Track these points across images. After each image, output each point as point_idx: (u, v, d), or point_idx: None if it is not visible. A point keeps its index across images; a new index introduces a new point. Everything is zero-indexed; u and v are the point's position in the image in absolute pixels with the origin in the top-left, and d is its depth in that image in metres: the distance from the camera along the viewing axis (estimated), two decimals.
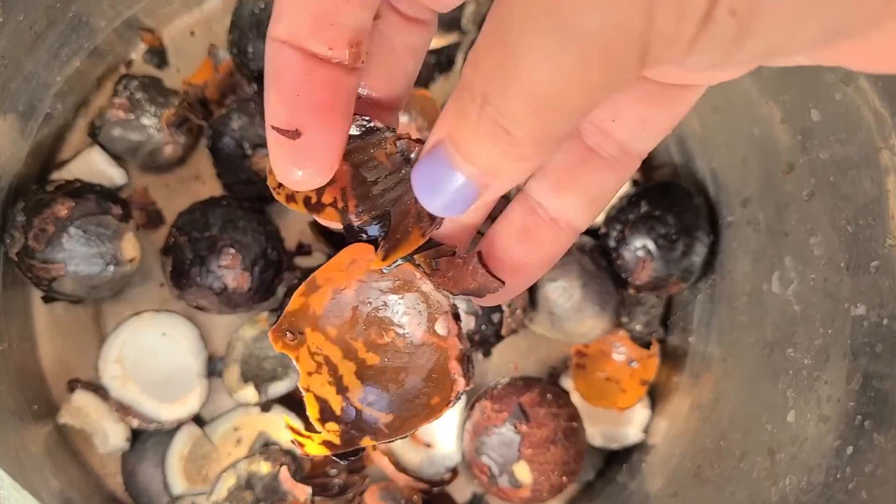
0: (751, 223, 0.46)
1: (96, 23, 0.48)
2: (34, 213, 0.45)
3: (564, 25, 0.14)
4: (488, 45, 0.16)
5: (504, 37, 0.15)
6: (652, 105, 0.21)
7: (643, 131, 0.22)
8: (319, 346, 0.22)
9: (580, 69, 0.15)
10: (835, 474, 0.35)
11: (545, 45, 0.15)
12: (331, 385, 0.22)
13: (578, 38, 0.14)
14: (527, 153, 0.17)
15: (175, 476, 0.50)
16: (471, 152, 0.17)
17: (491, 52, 0.16)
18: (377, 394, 0.22)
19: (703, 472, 0.46)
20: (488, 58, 0.16)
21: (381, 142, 0.21)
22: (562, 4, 0.14)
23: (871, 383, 0.35)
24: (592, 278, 0.50)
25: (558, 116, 0.16)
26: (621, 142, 0.22)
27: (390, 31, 0.21)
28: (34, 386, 0.50)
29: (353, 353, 0.22)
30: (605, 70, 0.15)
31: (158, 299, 0.52)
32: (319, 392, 0.22)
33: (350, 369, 0.22)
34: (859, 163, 0.36)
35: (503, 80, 0.16)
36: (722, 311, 0.49)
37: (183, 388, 0.50)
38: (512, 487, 0.48)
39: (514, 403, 0.48)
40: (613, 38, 0.14)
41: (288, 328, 0.22)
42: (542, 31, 0.14)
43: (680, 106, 0.22)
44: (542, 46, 0.15)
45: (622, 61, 0.14)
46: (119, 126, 0.50)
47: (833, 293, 0.38)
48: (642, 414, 0.53)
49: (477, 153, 0.17)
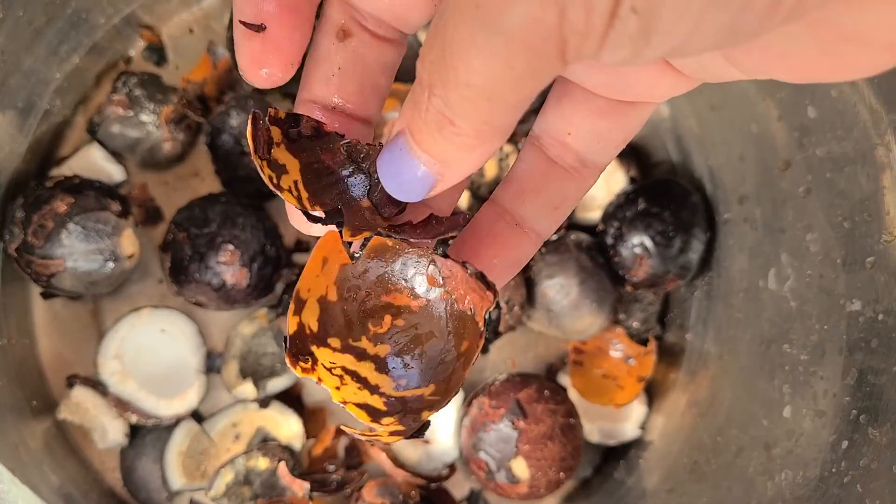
0: (747, 220, 0.46)
1: (95, 19, 0.48)
2: (33, 209, 0.45)
3: (491, 20, 0.15)
4: (431, 39, 0.17)
5: (443, 31, 0.16)
6: (604, 119, 0.23)
7: (598, 144, 0.23)
8: (332, 361, 0.22)
9: (506, 61, 0.16)
10: (830, 468, 0.36)
11: (475, 38, 0.16)
12: (361, 390, 0.22)
13: (503, 31, 0.15)
14: (471, 143, 0.18)
15: (173, 472, 0.50)
16: (424, 142, 0.19)
17: (433, 45, 0.17)
18: (406, 376, 0.22)
19: (699, 468, 0.46)
20: (431, 51, 0.17)
21: (330, 146, 0.22)
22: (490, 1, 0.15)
23: (866, 378, 0.35)
24: (590, 275, 0.50)
25: (493, 107, 0.17)
26: (579, 153, 0.23)
27: (362, 49, 0.23)
28: (33, 382, 0.50)
29: (363, 352, 0.22)
30: (529, 62, 0.16)
31: (157, 295, 0.52)
32: (356, 400, 0.21)
33: (369, 368, 0.22)
34: (855, 159, 0.36)
35: (443, 72, 0.17)
36: (719, 307, 0.49)
37: (181, 384, 0.50)
38: (509, 483, 0.48)
39: (511, 400, 0.48)
40: (533, 31, 0.15)
41: (297, 353, 0.21)
42: (472, 25, 0.16)
43: (631, 120, 0.23)
44: (472, 39, 0.16)
45: (543, 54, 0.16)
46: (118, 123, 0.50)
47: (829, 289, 0.39)
48: (639, 410, 0.53)
49: (429, 143, 0.19)
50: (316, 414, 0.53)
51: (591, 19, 0.15)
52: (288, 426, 0.51)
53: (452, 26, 0.16)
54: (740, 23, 0.15)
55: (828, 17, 0.16)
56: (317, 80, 0.23)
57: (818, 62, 0.18)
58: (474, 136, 0.18)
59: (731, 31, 0.16)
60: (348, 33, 0.22)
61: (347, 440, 0.53)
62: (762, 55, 0.18)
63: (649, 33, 0.15)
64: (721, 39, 0.16)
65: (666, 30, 0.15)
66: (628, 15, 0.15)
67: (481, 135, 0.18)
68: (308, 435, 0.52)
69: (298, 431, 0.51)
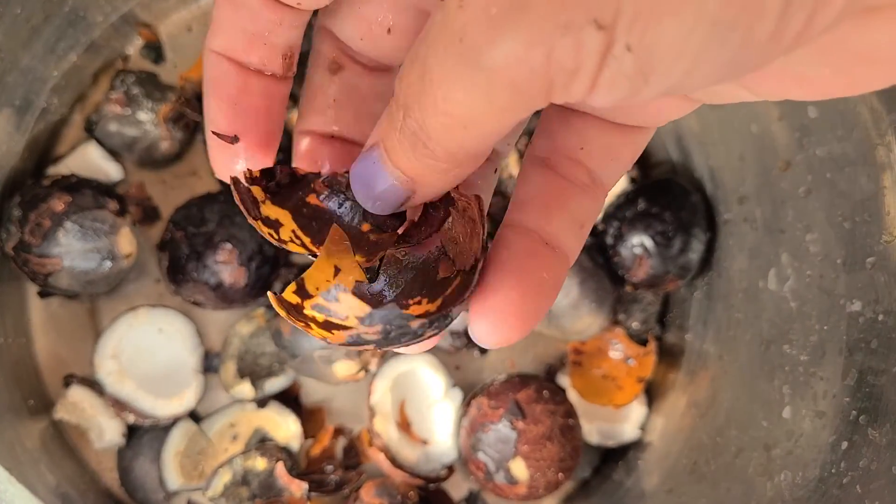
0: (748, 220, 0.46)
1: (93, 17, 0.48)
2: (30, 208, 0.45)
3: (473, 55, 0.15)
4: (410, 62, 0.17)
5: (424, 58, 0.16)
6: (617, 134, 0.22)
7: (610, 159, 0.23)
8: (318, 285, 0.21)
9: (488, 96, 0.16)
10: (829, 469, 0.36)
11: (457, 70, 0.15)
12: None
13: (486, 68, 0.15)
14: (444, 166, 0.18)
15: (171, 472, 0.50)
16: (398, 158, 0.19)
17: (412, 69, 0.17)
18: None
19: (699, 469, 0.46)
20: (409, 74, 0.17)
21: (311, 187, 0.22)
22: (473, 37, 0.15)
23: (866, 379, 0.35)
24: (589, 275, 0.50)
25: (469, 135, 0.17)
26: (591, 170, 0.23)
27: (355, 80, 0.23)
28: (30, 381, 0.50)
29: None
30: (512, 98, 0.16)
31: (154, 295, 0.52)
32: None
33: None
34: (856, 160, 0.36)
35: (420, 97, 0.17)
36: (718, 308, 0.49)
37: (179, 383, 0.50)
38: (508, 484, 0.48)
39: (510, 400, 0.48)
40: (518, 71, 0.15)
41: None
42: (455, 58, 0.15)
43: (641, 136, 0.23)
44: (454, 71, 0.16)
45: (528, 91, 0.15)
46: (115, 121, 0.50)
47: (829, 289, 0.39)
48: (639, 411, 0.53)
49: (402, 160, 0.19)
50: (314, 414, 0.53)
51: (581, 59, 0.14)
52: (286, 426, 0.51)
53: (434, 55, 0.16)
54: (742, 57, 0.15)
55: (837, 40, 0.16)
56: (313, 112, 0.23)
57: (832, 81, 0.18)
58: (447, 159, 0.18)
59: (733, 65, 0.15)
60: (340, 66, 0.23)
61: (346, 441, 0.53)
62: (775, 80, 0.18)
63: (647, 72, 0.15)
64: (723, 74, 0.15)
65: (665, 69, 0.15)
66: (623, 53, 0.14)
67: (454, 159, 0.18)
68: (306, 435, 0.52)
69: (296, 432, 0.51)
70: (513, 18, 0.14)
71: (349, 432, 0.53)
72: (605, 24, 0.14)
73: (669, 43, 0.14)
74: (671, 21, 0.14)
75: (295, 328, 0.45)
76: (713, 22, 0.14)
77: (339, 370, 0.46)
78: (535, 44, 0.14)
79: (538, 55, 0.14)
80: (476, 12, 0.15)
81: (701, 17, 0.14)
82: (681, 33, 0.14)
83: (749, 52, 0.15)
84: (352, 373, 0.47)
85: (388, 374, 0.50)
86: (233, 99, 0.21)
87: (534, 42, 0.14)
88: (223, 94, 0.21)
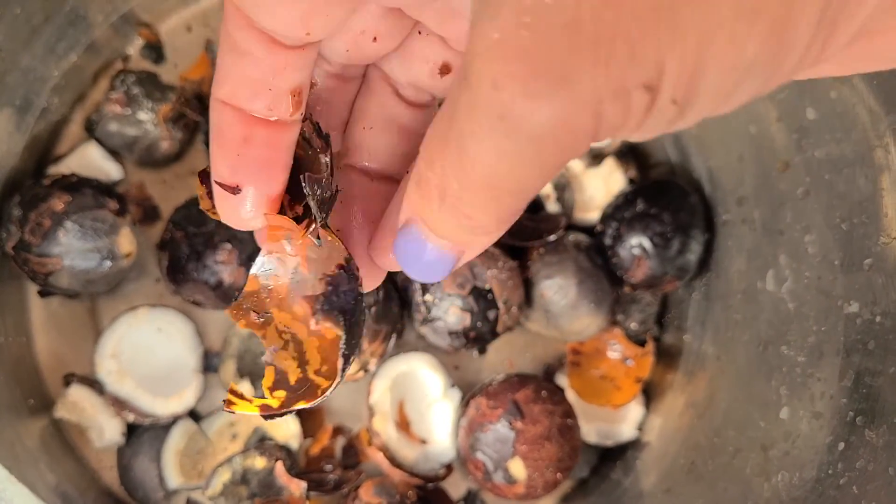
0: (746, 221, 0.46)
1: (93, 17, 0.48)
2: (30, 208, 0.45)
3: (518, 129, 0.15)
4: (441, 144, 0.17)
5: (458, 139, 0.16)
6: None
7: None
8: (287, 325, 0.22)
9: (535, 161, 0.16)
10: (826, 470, 0.36)
11: (502, 147, 0.16)
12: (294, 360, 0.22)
13: (531, 137, 0.15)
14: (491, 229, 0.18)
15: (170, 470, 0.50)
16: (441, 231, 0.19)
17: (444, 152, 0.17)
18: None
19: (696, 469, 0.46)
20: (442, 157, 0.17)
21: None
22: (513, 110, 0.15)
23: (863, 380, 0.35)
24: (588, 276, 0.50)
25: (516, 198, 0.17)
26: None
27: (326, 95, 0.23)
28: (30, 380, 0.50)
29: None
30: (558, 156, 0.16)
31: (154, 294, 0.52)
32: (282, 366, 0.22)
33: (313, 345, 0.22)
34: (854, 161, 0.37)
35: (460, 178, 0.17)
36: (717, 309, 0.49)
37: (179, 383, 0.50)
38: (506, 484, 0.48)
39: (509, 400, 0.48)
40: (564, 133, 0.15)
41: (252, 308, 0.22)
42: (497, 137, 0.15)
43: None
44: (498, 149, 0.16)
45: (573, 148, 0.16)
46: (115, 121, 0.50)
47: (827, 291, 0.39)
48: (637, 411, 0.53)
49: (447, 232, 0.19)
50: (313, 414, 0.53)
51: (628, 117, 0.15)
52: (285, 426, 0.51)
53: (472, 137, 0.16)
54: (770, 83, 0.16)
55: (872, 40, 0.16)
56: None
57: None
58: (495, 223, 0.18)
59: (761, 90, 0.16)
60: (314, 83, 0.23)
61: (345, 440, 0.53)
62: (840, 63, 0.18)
63: (686, 113, 0.15)
64: (749, 98, 0.16)
65: (700, 108, 0.15)
66: (668, 106, 0.15)
67: (502, 222, 0.18)
68: (305, 434, 0.52)
69: (296, 431, 0.51)
70: (556, 91, 0.14)
71: (348, 432, 0.53)
72: (653, 86, 0.14)
73: (710, 90, 0.15)
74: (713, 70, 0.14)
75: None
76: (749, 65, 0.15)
77: None
78: (582, 110, 0.15)
79: (586, 118, 0.15)
80: (514, 91, 0.15)
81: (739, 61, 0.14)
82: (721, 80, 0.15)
83: (777, 78, 0.16)
84: (351, 372, 0.47)
85: (387, 373, 0.51)
86: (236, 150, 0.21)
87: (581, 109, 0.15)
88: (226, 145, 0.21)
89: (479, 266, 0.48)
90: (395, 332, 0.49)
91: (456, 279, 0.47)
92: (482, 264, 0.48)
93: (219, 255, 0.47)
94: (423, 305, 0.48)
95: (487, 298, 0.47)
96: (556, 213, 0.53)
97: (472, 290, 0.47)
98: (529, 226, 0.52)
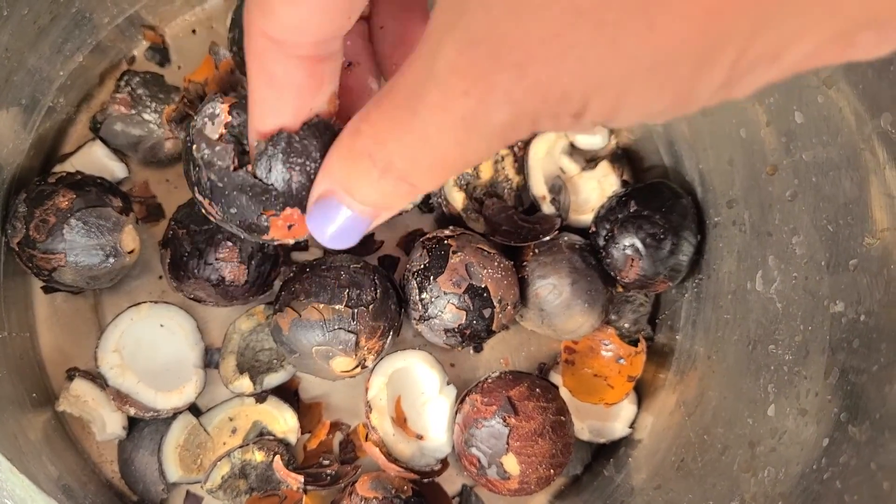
0: (736, 223, 0.47)
1: (99, 19, 0.49)
2: (36, 204, 0.46)
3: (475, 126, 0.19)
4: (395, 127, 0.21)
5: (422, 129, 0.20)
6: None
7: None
8: None
9: (484, 148, 0.20)
10: (811, 465, 0.36)
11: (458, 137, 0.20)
12: None
13: (484, 134, 0.20)
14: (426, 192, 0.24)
15: (170, 464, 0.50)
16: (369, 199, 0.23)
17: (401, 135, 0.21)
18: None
19: (686, 465, 0.47)
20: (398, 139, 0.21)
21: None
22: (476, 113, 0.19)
23: (847, 377, 0.36)
24: (581, 276, 0.51)
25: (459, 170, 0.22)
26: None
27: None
28: (33, 374, 0.51)
29: None
30: (501, 146, 0.20)
31: (157, 291, 0.53)
32: None
33: None
34: (840, 164, 0.37)
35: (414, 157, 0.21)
36: (707, 309, 0.50)
37: (180, 378, 0.51)
38: (500, 479, 0.49)
39: (503, 397, 0.49)
40: (510, 130, 0.20)
41: None
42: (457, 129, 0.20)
43: None
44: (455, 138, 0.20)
45: (514, 140, 0.20)
46: (120, 121, 0.51)
47: (813, 291, 0.39)
48: (629, 409, 0.53)
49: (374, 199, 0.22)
50: (311, 409, 0.54)
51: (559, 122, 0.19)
52: (284, 421, 0.52)
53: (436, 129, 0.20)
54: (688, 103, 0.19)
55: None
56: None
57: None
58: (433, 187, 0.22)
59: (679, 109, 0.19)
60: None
61: (342, 436, 0.54)
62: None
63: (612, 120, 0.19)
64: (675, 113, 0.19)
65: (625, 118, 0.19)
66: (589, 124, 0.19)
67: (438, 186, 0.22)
68: (303, 430, 0.52)
69: (294, 426, 0.52)
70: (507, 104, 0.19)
71: (346, 427, 0.54)
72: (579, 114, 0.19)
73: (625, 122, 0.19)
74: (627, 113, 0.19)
75: (294, 325, 0.46)
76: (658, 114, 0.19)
77: (337, 366, 0.47)
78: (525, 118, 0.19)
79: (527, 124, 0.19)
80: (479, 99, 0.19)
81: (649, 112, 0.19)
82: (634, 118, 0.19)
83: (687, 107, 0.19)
84: (349, 369, 0.47)
85: (384, 370, 0.51)
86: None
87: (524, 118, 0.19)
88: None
89: (476, 265, 0.48)
90: (393, 330, 0.49)
91: (452, 278, 0.48)
92: (478, 264, 0.48)
93: (220, 253, 0.48)
94: (420, 303, 0.49)
95: (483, 297, 0.48)
96: (552, 214, 0.54)
97: (468, 289, 0.48)
98: (525, 227, 0.53)
